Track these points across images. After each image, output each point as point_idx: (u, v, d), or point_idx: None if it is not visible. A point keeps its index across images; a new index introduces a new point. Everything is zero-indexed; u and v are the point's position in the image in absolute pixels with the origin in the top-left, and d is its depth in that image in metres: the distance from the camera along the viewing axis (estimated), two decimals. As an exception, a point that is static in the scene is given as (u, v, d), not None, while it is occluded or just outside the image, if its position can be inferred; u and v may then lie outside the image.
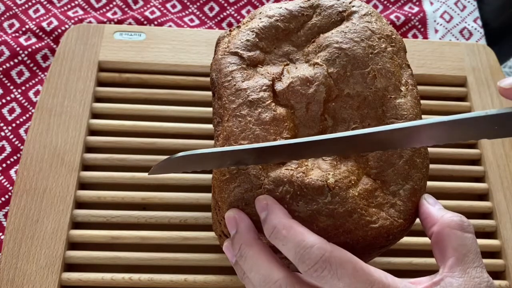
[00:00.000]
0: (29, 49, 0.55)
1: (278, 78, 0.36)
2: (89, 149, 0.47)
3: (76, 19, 0.58)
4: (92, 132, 0.48)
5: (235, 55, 0.37)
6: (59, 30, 0.57)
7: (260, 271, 0.29)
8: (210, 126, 0.48)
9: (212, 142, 0.47)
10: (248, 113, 0.34)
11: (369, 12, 0.39)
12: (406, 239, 0.43)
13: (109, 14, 0.60)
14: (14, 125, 0.51)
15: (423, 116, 0.49)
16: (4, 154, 0.50)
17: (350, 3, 0.40)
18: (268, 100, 0.34)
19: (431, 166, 0.47)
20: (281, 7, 0.39)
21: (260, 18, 0.39)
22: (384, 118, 0.36)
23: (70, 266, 0.42)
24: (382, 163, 0.34)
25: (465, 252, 0.29)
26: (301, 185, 0.32)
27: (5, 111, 0.52)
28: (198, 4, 0.62)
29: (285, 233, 0.29)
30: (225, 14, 0.61)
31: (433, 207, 0.33)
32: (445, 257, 0.29)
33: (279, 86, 0.35)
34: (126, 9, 0.60)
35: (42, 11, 0.59)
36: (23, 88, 0.53)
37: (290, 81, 0.36)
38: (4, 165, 0.49)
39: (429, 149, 0.49)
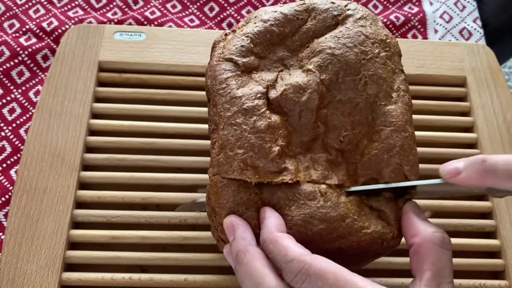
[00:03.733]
0: (29, 49, 0.55)
1: (272, 85, 0.36)
2: (89, 149, 0.47)
3: (76, 19, 0.58)
4: (92, 132, 0.48)
5: (230, 62, 0.36)
6: (59, 30, 0.57)
7: (253, 278, 0.29)
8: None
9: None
10: (243, 121, 0.33)
11: (364, 16, 0.38)
12: (405, 239, 0.43)
13: (109, 15, 0.60)
14: (14, 125, 0.51)
15: (421, 118, 0.50)
16: (4, 154, 0.50)
17: (345, 6, 0.39)
18: (263, 108, 0.34)
19: (431, 166, 0.47)
20: (276, 11, 0.39)
21: (255, 23, 0.38)
22: (374, 125, 0.35)
23: (70, 266, 0.43)
24: (370, 171, 0.35)
25: (442, 268, 0.30)
26: (293, 190, 0.33)
27: (5, 111, 0.52)
28: (198, 4, 0.62)
29: (271, 247, 0.30)
30: (225, 14, 0.61)
31: (416, 218, 0.33)
32: (422, 270, 0.30)
33: (272, 94, 0.35)
34: (126, 9, 0.60)
35: (42, 11, 0.59)
36: (23, 88, 0.54)
37: (283, 88, 0.35)
38: (4, 165, 0.49)
39: (429, 149, 0.49)
